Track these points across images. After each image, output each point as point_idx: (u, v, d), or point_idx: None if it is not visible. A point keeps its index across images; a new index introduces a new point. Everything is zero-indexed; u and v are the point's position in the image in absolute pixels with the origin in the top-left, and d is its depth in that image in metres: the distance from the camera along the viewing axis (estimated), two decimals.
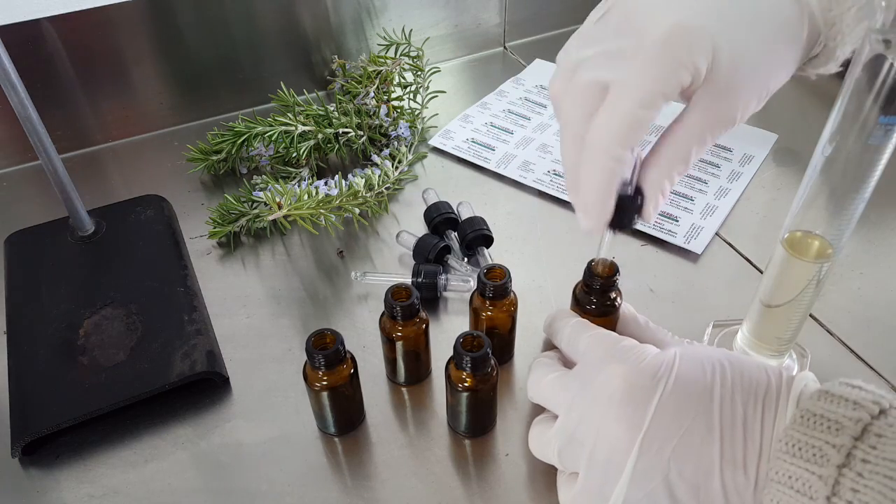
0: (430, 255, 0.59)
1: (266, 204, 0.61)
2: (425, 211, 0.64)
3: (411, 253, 0.60)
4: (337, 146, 0.69)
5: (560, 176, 0.70)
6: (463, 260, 0.60)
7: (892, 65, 0.32)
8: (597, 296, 0.48)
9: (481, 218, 0.62)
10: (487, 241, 0.61)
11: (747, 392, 0.38)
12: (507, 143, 0.75)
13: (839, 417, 0.34)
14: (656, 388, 0.39)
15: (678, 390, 0.39)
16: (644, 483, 0.38)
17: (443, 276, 0.57)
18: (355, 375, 0.47)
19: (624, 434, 0.38)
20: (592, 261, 0.48)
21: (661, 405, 0.38)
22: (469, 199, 0.65)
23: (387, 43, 0.77)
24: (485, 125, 0.78)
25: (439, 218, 0.62)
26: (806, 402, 0.36)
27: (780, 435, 0.35)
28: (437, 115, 0.78)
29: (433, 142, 0.75)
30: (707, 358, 0.40)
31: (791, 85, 0.39)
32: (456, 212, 0.63)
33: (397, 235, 0.63)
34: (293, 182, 0.67)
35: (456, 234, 0.62)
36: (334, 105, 0.72)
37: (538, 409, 0.50)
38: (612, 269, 0.47)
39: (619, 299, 0.49)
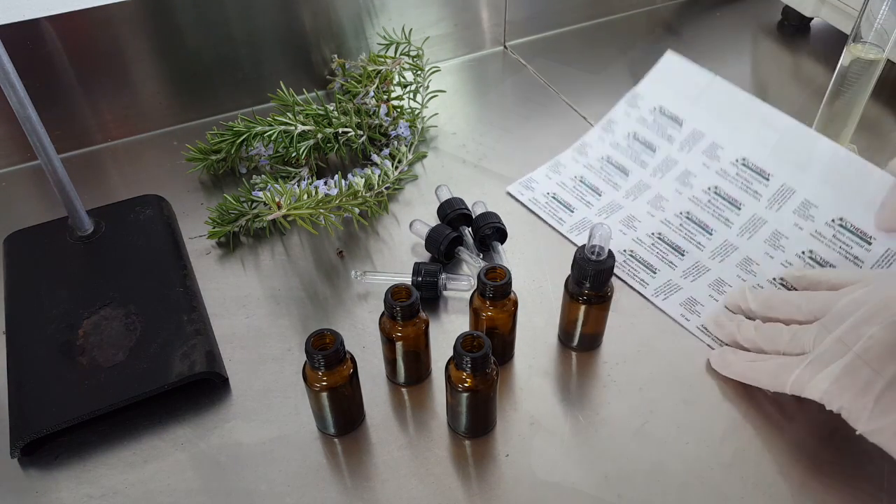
0: (442, 246, 0.59)
1: (265, 204, 0.60)
2: (439, 207, 0.64)
3: (423, 242, 0.60)
4: (337, 146, 0.69)
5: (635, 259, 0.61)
6: (478, 255, 0.60)
7: None
8: (590, 282, 0.49)
9: (496, 213, 0.62)
10: (501, 235, 0.62)
11: None
12: (590, 207, 0.65)
13: None
14: None
15: None
16: None
17: (443, 276, 0.57)
18: (355, 376, 0.47)
19: None
20: (582, 246, 0.49)
21: None
22: (469, 199, 0.65)
23: (386, 42, 0.77)
24: (573, 178, 0.68)
25: (453, 213, 0.62)
26: None
27: None
28: (437, 114, 0.78)
29: (511, 188, 0.68)
30: None
31: None
32: (470, 209, 0.63)
33: (410, 224, 0.63)
34: (293, 182, 0.67)
35: (470, 230, 0.62)
36: (334, 104, 0.72)
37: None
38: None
39: (610, 290, 0.50)
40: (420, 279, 0.56)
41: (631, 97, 0.71)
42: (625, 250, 0.62)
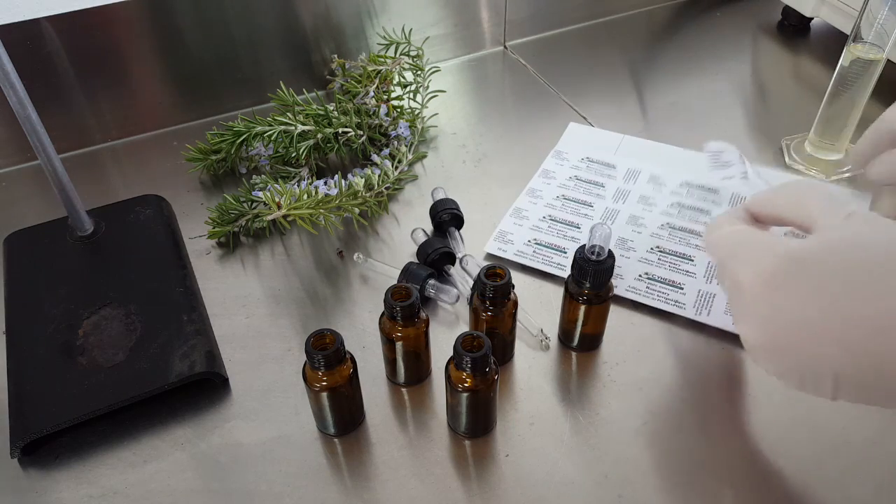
0: (429, 260, 0.58)
1: (265, 204, 0.61)
2: (431, 207, 0.64)
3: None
4: (336, 146, 0.69)
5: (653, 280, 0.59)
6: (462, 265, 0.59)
7: None
8: (590, 282, 0.49)
9: (453, 199, 0.63)
10: (458, 221, 0.62)
11: None
12: (576, 241, 0.62)
13: None
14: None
15: None
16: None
17: (431, 282, 0.56)
18: (355, 376, 0.47)
19: None
20: (583, 246, 0.49)
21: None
22: (470, 199, 0.65)
23: (386, 42, 0.77)
24: (543, 220, 0.64)
25: (443, 214, 0.62)
26: None
27: None
28: (436, 114, 0.78)
29: (488, 248, 0.61)
30: None
31: None
32: (448, 203, 0.63)
33: (412, 232, 0.62)
34: (292, 182, 0.67)
35: (459, 232, 0.62)
36: (334, 105, 0.72)
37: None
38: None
39: (610, 290, 0.50)
40: (406, 283, 0.55)
41: (555, 153, 0.72)
42: (641, 275, 0.59)
